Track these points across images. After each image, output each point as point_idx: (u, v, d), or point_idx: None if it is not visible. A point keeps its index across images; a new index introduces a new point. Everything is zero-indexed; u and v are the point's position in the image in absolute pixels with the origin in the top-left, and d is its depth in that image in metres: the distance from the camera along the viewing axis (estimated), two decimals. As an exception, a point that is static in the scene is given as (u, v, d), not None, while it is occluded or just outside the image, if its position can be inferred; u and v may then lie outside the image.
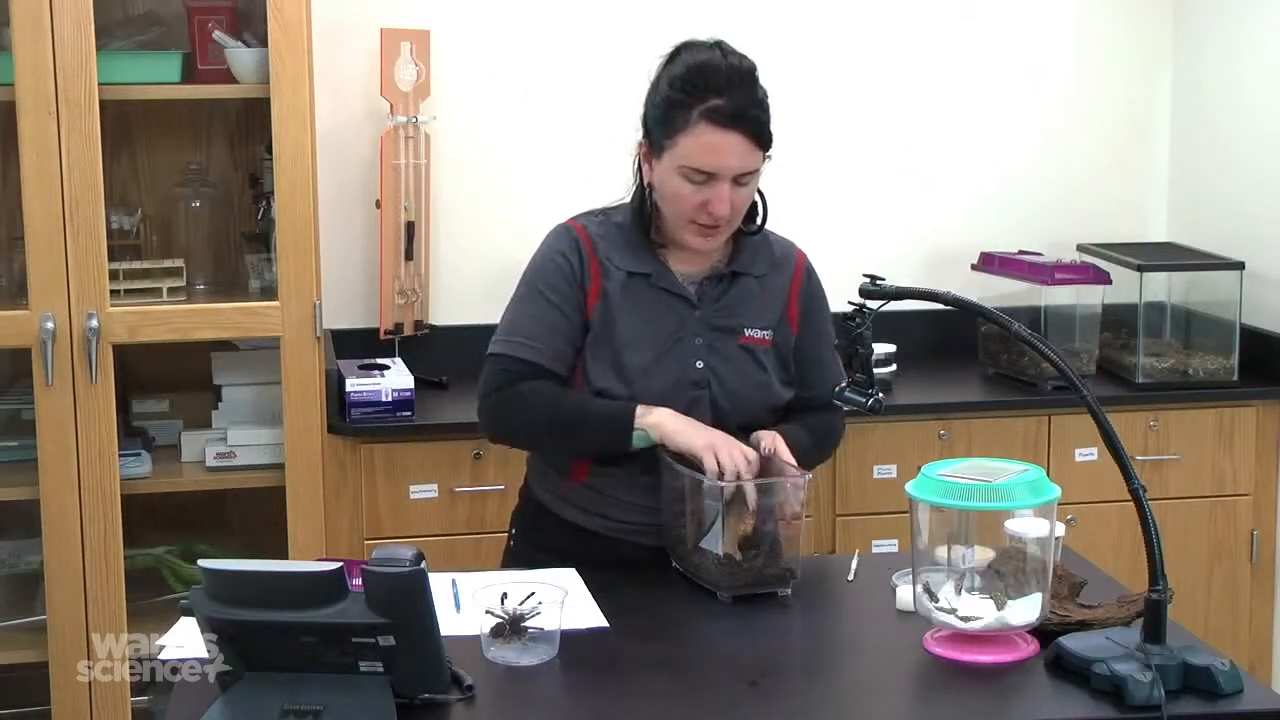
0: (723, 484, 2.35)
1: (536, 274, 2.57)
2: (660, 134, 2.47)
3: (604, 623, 2.28)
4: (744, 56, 2.50)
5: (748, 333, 2.57)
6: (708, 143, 2.42)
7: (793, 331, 2.61)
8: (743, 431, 2.49)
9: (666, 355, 2.53)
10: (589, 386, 2.52)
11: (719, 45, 2.50)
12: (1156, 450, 3.75)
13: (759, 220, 2.59)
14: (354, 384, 3.49)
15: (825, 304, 2.67)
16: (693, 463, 2.41)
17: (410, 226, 3.75)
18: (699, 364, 2.53)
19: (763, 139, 2.45)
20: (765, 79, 2.52)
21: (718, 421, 2.51)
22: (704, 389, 2.53)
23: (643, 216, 2.56)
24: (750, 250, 2.60)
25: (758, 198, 2.56)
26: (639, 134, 2.54)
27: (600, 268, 2.54)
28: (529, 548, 2.65)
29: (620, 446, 2.47)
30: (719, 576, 2.37)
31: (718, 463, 2.37)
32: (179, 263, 3.55)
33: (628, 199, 2.60)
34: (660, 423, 2.45)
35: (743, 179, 2.45)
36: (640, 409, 2.47)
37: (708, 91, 2.42)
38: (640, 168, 2.55)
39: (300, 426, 3.40)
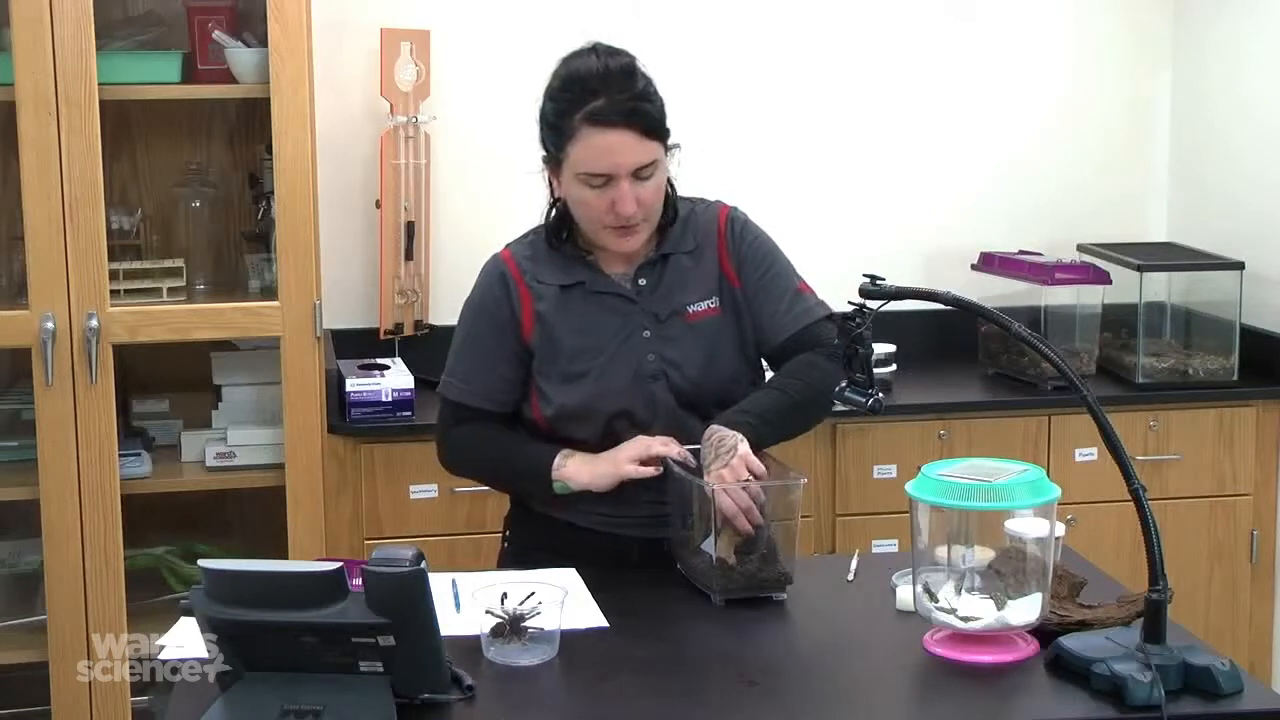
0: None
1: (466, 312, 2.63)
2: (554, 148, 2.49)
3: (604, 623, 2.28)
4: (620, 52, 2.50)
5: (691, 309, 2.55)
6: (596, 145, 2.43)
7: (735, 285, 2.58)
8: (719, 409, 2.47)
9: (617, 356, 2.53)
10: (547, 405, 2.53)
11: (594, 48, 2.51)
12: (1156, 450, 3.75)
13: (673, 211, 2.58)
14: (354, 384, 3.49)
15: (762, 242, 2.61)
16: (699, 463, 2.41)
17: (410, 226, 3.75)
18: (650, 357, 2.53)
19: (651, 129, 2.45)
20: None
21: (685, 407, 2.51)
22: (660, 379, 2.52)
23: (558, 230, 2.57)
24: (678, 230, 2.59)
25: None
26: (541, 153, 2.55)
27: (530, 292, 2.55)
28: (522, 547, 2.65)
29: (549, 495, 2.51)
30: (712, 580, 2.36)
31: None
32: (179, 263, 3.56)
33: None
34: (573, 475, 2.48)
35: (643, 172, 2.45)
36: (559, 459, 2.49)
37: (585, 95, 2.44)
38: (550, 183, 2.56)
39: (300, 426, 3.40)
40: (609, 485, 2.46)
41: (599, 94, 2.43)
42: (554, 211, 2.58)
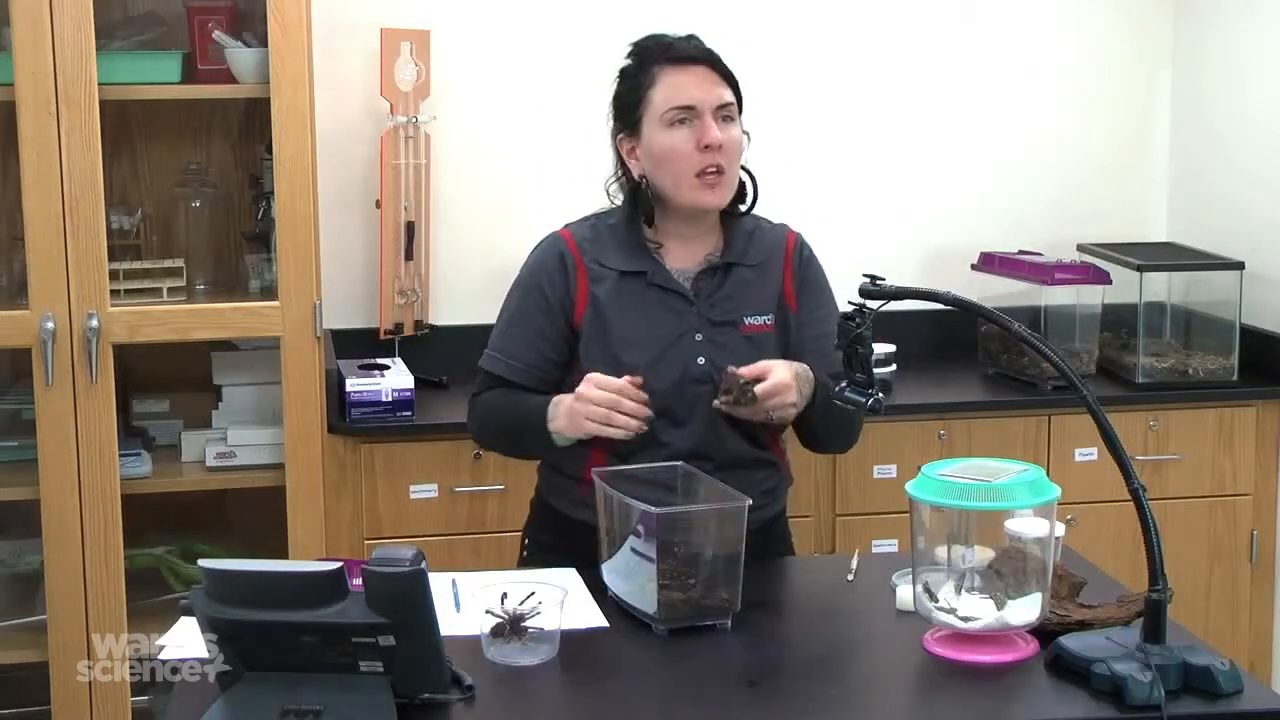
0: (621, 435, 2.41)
1: (517, 288, 2.64)
2: (632, 108, 2.56)
3: (604, 623, 2.28)
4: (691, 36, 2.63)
5: (748, 322, 2.58)
6: (677, 82, 2.53)
7: (792, 310, 2.62)
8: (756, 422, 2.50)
9: (667, 353, 2.54)
10: None
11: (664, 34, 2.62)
12: (1156, 450, 3.75)
13: (749, 200, 2.63)
14: (354, 384, 3.49)
15: (822, 277, 2.69)
16: (636, 479, 2.38)
17: (410, 226, 3.74)
18: (700, 360, 2.54)
19: (726, 74, 2.55)
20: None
21: (723, 415, 2.50)
22: (707, 383, 2.53)
23: (637, 209, 2.58)
24: (743, 240, 2.62)
25: (746, 179, 2.61)
26: (616, 134, 2.61)
27: (588, 273, 2.57)
28: (545, 553, 2.64)
29: (552, 447, 2.53)
30: (654, 610, 2.23)
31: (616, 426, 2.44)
32: (179, 263, 3.55)
33: (620, 204, 2.64)
34: (554, 418, 2.50)
35: (724, 111, 2.52)
36: (551, 407, 2.51)
37: (661, 48, 2.56)
38: (624, 166, 2.60)
39: (300, 426, 3.40)
40: (577, 436, 2.49)
41: (674, 44, 2.56)
42: (630, 192, 2.61)
